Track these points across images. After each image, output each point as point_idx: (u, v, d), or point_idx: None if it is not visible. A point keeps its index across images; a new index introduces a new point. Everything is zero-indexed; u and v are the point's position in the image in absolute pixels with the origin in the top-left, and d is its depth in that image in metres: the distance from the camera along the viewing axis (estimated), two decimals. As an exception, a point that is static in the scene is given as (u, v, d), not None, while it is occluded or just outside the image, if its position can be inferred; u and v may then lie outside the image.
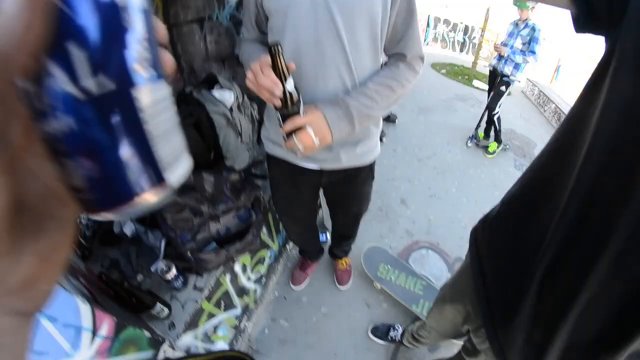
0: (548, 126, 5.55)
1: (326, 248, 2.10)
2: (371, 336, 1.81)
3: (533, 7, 3.23)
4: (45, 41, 0.13)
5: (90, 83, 0.14)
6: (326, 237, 2.22)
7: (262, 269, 1.79)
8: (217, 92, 1.69)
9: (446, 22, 9.39)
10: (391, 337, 1.76)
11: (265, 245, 1.76)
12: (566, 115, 0.63)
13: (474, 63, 7.27)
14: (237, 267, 1.52)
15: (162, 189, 0.18)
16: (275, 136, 1.17)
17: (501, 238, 0.80)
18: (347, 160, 1.16)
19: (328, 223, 2.20)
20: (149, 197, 0.17)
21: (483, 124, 3.99)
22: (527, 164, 3.55)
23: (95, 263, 1.42)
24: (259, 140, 1.92)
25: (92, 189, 0.16)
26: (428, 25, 9.24)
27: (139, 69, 0.16)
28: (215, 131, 1.63)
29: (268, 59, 0.81)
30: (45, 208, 0.16)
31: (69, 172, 0.16)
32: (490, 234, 0.84)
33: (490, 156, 3.83)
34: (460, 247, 2.50)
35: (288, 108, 0.87)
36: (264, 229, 1.71)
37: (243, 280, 1.61)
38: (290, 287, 2.00)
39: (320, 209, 2.20)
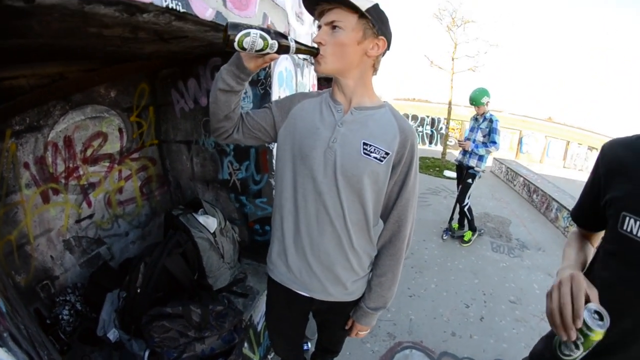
0: (520, 199, 5.89)
1: (308, 356, 2.11)
2: None
3: (488, 102, 3.63)
4: None
5: None
6: (308, 346, 2.24)
7: (245, 383, 1.80)
8: (201, 218, 1.89)
9: (414, 117, 10.31)
10: None
11: (247, 359, 1.80)
12: None
13: (443, 153, 7.89)
14: (220, 381, 1.56)
15: None
16: (276, 259, 1.27)
17: None
18: (337, 295, 1.23)
19: (310, 332, 2.24)
20: None
21: (456, 216, 4.18)
22: (503, 244, 3.74)
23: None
24: (239, 260, 2.08)
25: None
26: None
27: None
28: (199, 253, 1.80)
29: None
30: None
31: None
32: None
33: (466, 245, 3.98)
34: (444, 342, 2.51)
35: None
36: (245, 344, 1.78)
37: (225, 393, 1.62)
38: (273, 398, 1.97)
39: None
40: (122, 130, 1.96)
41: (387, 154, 1.03)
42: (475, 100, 3.64)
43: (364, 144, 1.03)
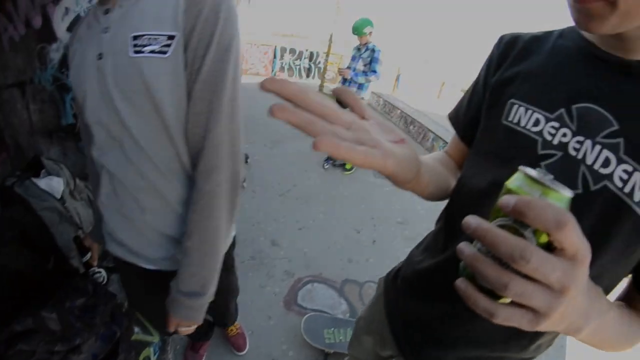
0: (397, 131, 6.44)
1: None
2: None
3: (370, 32, 3.62)
4: None
5: None
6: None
7: (150, 366, 1.55)
8: (43, 182, 1.42)
9: (292, 51, 10.00)
10: None
11: (145, 344, 1.54)
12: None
13: (321, 86, 7.98)
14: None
15: None
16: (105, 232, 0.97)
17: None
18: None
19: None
20: None
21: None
22: (384, 172, 4.05)
23: None
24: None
25: None
26: (275, 56, 9.77)
27: None
28: (48, 230, 1.36)
29: None
30: None
31: None
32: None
33: (348, 173, 4.14)
34: (343, 270, 2.58)
35: None
36: (136, 328, 1.50)
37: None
38: (187, 370, 1.77)
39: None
40: None
41: (171, 37, 0.67)
42: (357, 30, 3.61)
43: (134, 38, 0.68)
